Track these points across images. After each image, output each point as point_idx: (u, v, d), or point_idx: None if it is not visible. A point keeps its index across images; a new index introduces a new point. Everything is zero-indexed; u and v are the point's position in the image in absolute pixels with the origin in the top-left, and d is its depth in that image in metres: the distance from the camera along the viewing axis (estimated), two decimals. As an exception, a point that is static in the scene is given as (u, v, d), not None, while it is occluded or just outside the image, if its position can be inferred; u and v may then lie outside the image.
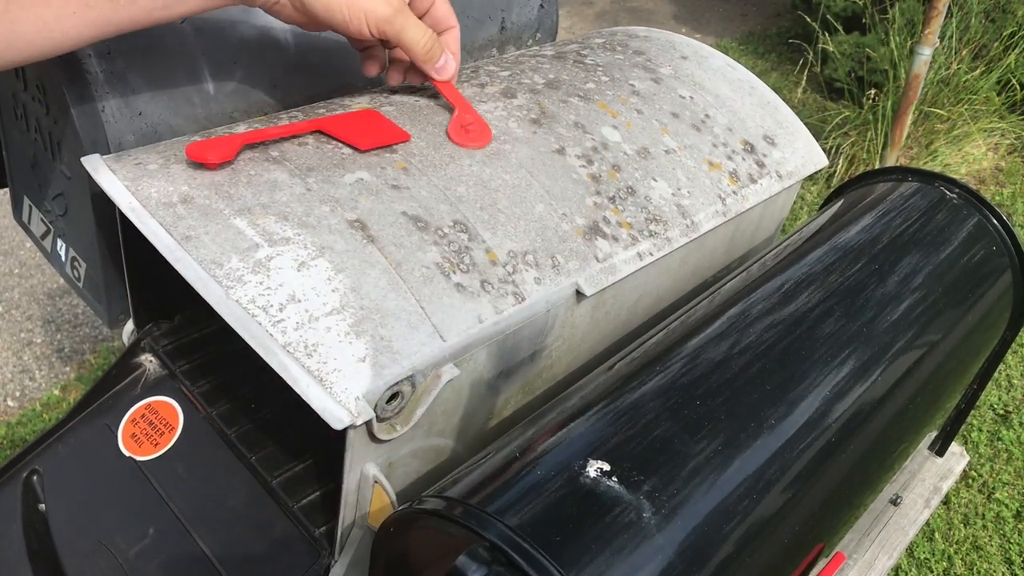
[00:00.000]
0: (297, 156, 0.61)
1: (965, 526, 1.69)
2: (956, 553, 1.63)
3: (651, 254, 0.68)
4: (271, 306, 0.50)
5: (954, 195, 0.83)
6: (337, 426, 0.47)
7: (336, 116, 0.66)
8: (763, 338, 0.60)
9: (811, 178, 2.76)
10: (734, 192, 0.77)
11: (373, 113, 0.67)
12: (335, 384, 0.48)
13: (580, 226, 0.65)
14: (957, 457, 1.00)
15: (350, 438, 0.50)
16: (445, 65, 0.67)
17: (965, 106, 2.76)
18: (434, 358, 0.53)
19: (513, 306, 0.58)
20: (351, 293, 0.52)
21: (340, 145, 0.63)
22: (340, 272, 0.53)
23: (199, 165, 0.58)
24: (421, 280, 0.55)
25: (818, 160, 0.87)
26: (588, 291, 0.62)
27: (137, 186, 0.54)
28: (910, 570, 1.60)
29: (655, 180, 0.72)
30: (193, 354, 0.74)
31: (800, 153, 0.85)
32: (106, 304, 0.83)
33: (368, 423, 0.49)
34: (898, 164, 2.67)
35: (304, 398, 0.47)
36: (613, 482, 0.46)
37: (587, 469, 0.46)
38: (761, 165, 0.81)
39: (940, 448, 0.99)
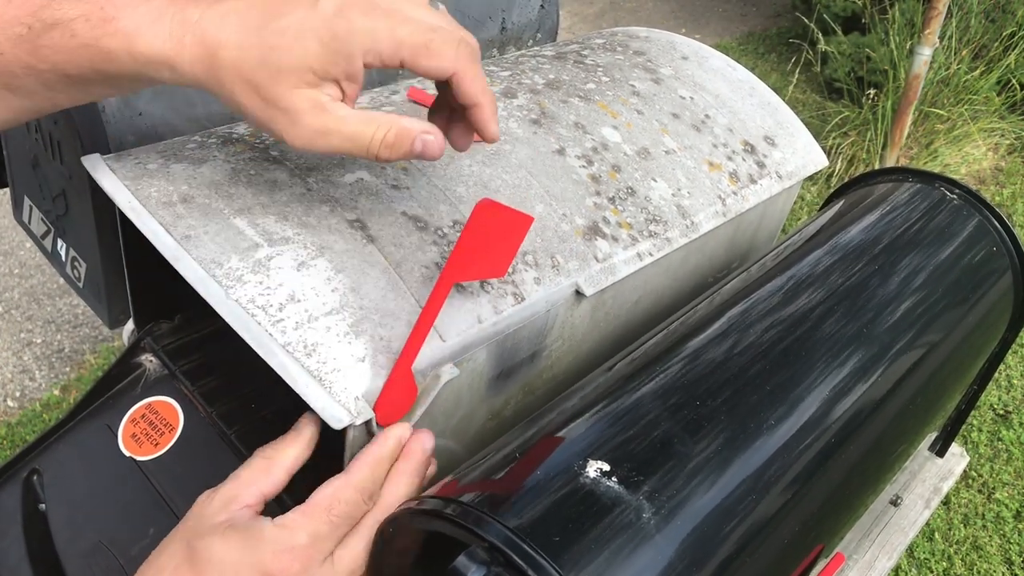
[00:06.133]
0: (297, 155, 0.61)
1: (965, 526, 1.69)
2: (956, 553, 1.63)
3: (651, 254, 0.68)
4: (271, 306, 0.50)
5: (954, 196, 0.83)
6: (336, 426, 0.47)
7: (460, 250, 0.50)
8: (763, 338, 0.60)
9: (811, 178, 2.76)
10: (734, 192, 0.76)
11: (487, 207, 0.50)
12: (334, 384, 0.48)
13: (580, 226, 0.65)
14: (957, 458, 1.00)
15: (349, 438, 0.50)
16: (424, 148, 0.51)
17: (965, 106, 2.76)
18: (433, 358, 0.53)
19: (512, 306, 0.58)
20: (351, 293, 0.52)
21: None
22: (340, 272, 0.53)
23: (199, 164, 0.58)
24: (421, 280, 0.55)
25: (818, 160, 0.87)
26: (588, 291, 0.62)
27: (137, 185, 0.54)
28: (910, 570, 1.60)
29: (655, 180, 0.72)
30: (193, 354, 0.74)
31: (800, 153, 0.85)
32: (106, 304, 0.83)
33: (367, 423, 0.49)
34: (898, 164, 2.67)
35: (303, 398, 0.47)
36: (613, 482, 0.46)
37: (587, 469, 0.46)
38: (761, 165, 0.81)
39: (940, 449, 0.99)
